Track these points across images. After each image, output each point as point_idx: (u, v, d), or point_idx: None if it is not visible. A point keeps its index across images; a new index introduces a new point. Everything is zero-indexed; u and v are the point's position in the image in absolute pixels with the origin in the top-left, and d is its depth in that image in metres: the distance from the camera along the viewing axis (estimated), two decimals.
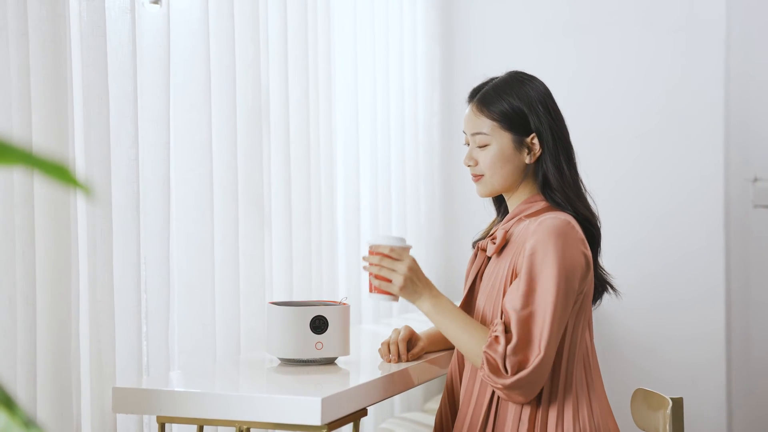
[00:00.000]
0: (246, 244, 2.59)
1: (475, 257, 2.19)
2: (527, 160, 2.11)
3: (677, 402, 2.10)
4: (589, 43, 4.02)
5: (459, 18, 4.19)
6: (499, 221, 2.23)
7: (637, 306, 3.90)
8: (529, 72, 2.19)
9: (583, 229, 2.07)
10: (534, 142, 2.10)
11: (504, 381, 1.93)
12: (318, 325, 2.19)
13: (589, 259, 2.04)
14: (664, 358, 3.91)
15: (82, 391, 2.06)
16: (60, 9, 1.95)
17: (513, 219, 2.12)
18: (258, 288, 2.62)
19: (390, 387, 2.15)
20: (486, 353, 1.95)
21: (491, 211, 2.29)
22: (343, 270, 3.23)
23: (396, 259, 2.05)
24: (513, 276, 2.03)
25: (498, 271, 2.08)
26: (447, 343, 2.35)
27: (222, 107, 2.49)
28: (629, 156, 3.97)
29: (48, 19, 1.92)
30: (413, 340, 2.29)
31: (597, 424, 2.03)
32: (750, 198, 3.89)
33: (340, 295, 3.11)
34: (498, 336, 1.95)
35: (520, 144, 2.10)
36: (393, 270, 2.04)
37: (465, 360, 2.13)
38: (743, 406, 3.90)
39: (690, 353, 3.89)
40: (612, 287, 2.18)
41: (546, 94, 2.14)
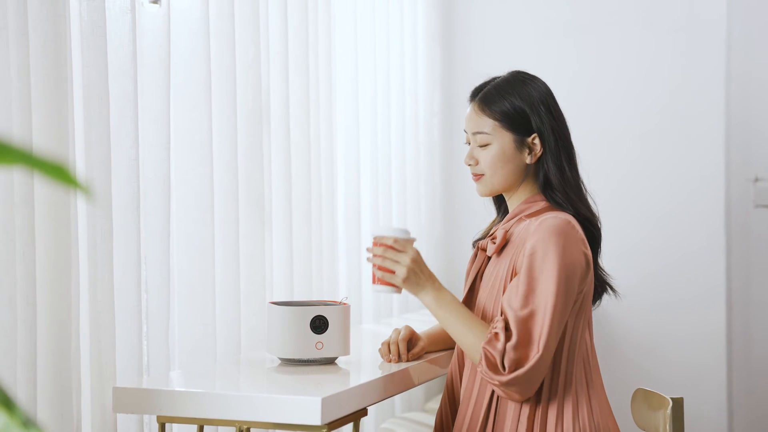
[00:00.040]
0: (246, 243, 2.59)
1: (475, 257, 2.19)
2: (528, 160, 2.10)
3: (677, 402, 2.10)
4: (590, 43, 4.02)
5: (459, 18, 4.19)
6: (500, 221, 2.23)
7: (638, 306, 3.89)
8: (530, 72, 2.19)
9: (584, 230, 2.07)
10: (535, 142, 2.10)
11: (501, 378, 1.93)
12: (318, 325, 2.19)
13: (590, 259, 2.04)
14: (664, 357, 3.91)
15: (82, 391, 2.06)
16: (60, 9, 1.95)
17: (513, 219, 2.12)
18: (258, 288, 2.62)
19: (390, 387, 2.15)
20: (485, 349, 1.95)
21: (492, 211, 2.29)
22: (344, 270, 3.23)
23: (400, 251, 2.04)
24: (513, 275, 2.03)
25: (498, 271, 2.08)
26: (447, 343, 2.35)
27: (222, 107, 2.49)
28: (630, 156, 3.97)
29: (48, 19, 1.92)
30: (413, 339, 2.29)
31: (597, 423, 2.03)
32: (751, 198, 3.89)
33: (340, 295, 3.11)
34: (498, 333, 1.95)
35: (521, 144, 2.10)
36: (396, 261, 2.04)
37: (465, 359, 2.13)
38: (744, 405, 3.89)
39: (691, 353, 3.89)
40: (612, 288, 2.18)
41: (548, 94, 2.13)
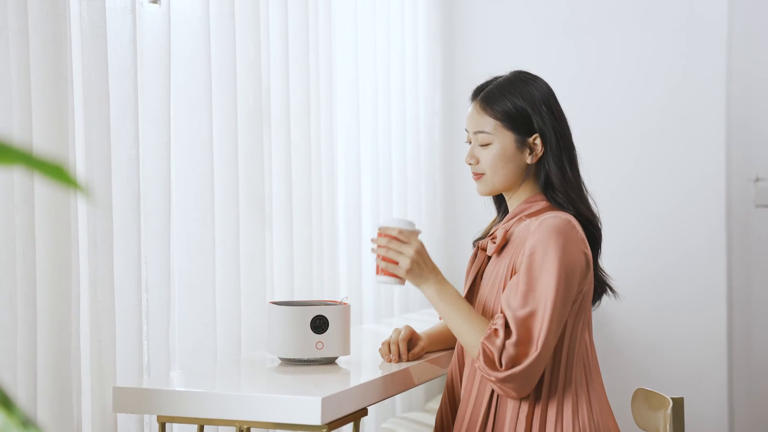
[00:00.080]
0: (247, 243, 2.59)
1: (476, 256, 2.19)
2: (529, 160, 2.10)
3: (678, 402, 2.10)
4: (590, 43, 4.02)
5: (460, 18, 4.19)
6: (500, 221, 2.23)
7: (639, 306, 3.89)
8: (531, 72, 2.19)
9: (584, 230, 2.07)
10: (536, 142, 2.09)
11: (497, 374, 1.93)
12: (318, 325, 2.19)
13: (589, 259, 2.04)
14: (665, 357, 3.91)
15: (82, 391, 2.06)
16: (60, 9, 1.95)
17: (513, 218, 2.12)
18: (259, 288, 2.62)
19: (390, 387, 2.15)
20: (483, 344, 1.95)
21: (492, 211, 2.28)
22: (344, 270, 3.23)
23: (404, 242, 2.04)
24: (512, 275, 2.03)
25: (498, 271, 2.08)
26: (448, 343, 2.35)
27: (223, 107, 2.49)
28: (630, 156, 3.97)
29: (48, 19, 1.92)
30: (414, 339, 2.29)
31: (597, 423, 2.03)
32: (751, 198, 3.88)
33: (340, 295, 3.11)
34: (497, 329, 1.95)
35: (522, 144, 2.10)
36: (400, 253, 2.03)
37: (465, 359, 2.13)
38: (745, 405, 3.89)
39: (691, 353, 3.89)
40: (611, 289, 2.18)
41: (550, 94, 2.13)
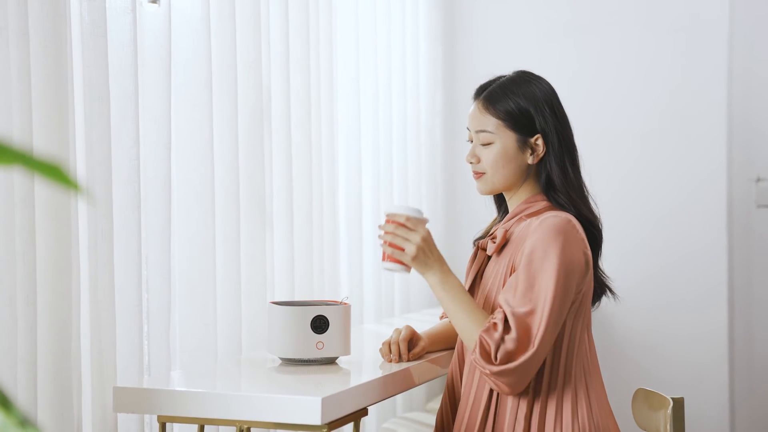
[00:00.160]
0: (247, 243, 2.59)
1: (476, 256, 2.19)
2: (530, 160, 2.10)
3: (678, 402, 2.09)
4: (591, 43, 4.02)
5: (461, 18, 4.19)
6: (500, 220, 2.23)
7: (640, 305, 3.89)
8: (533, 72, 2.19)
9: (585, 231, 2.07)
10: (538, 143, 2.09)
11: (492, 367, 1.93)
12: (319, 325, 2.19)
13: (589, 259, 2.04)
14: (665, 357, 3.91)
15: (83, 391, 2.06)
16: (61, 9, 1.95)
17: (513, 218, 2.12)
18: (259, 288, 2.62)
19: (391, 387, 2.15)
20: (481, 336, 1.95)
21: (493, 211, 2.28)
22: (345, 270, 3.23)
23: (411, 229, 2.05)
24: (512, 274, 2.03)
25: (498, 270, 2.08)
26: (448, 343, 2.35)
27: (223, 107, 2.49)
28: (631, 156, 3.97)
29: (49, 19, 1.92)
30: (414, 339, 2.29)
31: (596, 423, 2.02)
32: (753, 198, 3.88)
33: (341, 295, 3.11)
34: (497, 323, 1.95)
35: (523, 144, 2.09)
36: (407, 239, 2.04)
37: (465, 359, 2.13)
38: (746, 405, 3.89)
39: (692, 353, 3.88)
40: (611, 291, 2.18)
41: (552, 94, 2.12)
